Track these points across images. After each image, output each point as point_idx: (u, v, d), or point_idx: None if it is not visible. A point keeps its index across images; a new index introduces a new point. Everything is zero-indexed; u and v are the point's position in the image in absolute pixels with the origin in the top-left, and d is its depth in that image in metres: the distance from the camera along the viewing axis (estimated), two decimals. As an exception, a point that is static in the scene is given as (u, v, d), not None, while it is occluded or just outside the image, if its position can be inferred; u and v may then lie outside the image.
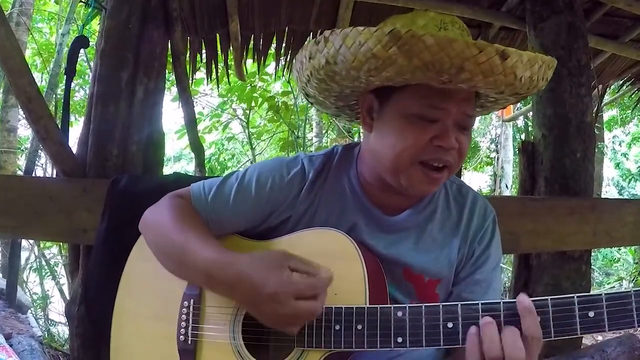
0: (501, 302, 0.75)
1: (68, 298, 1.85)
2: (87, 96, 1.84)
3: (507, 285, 3.21)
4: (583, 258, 2.15)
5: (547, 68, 0.85)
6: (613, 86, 3.67)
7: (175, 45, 1.82)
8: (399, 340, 0.78)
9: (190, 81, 2.43)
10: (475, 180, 8.76)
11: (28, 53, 5.13)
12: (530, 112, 3.04)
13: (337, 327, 0.82)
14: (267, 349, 0.92)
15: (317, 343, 0.83)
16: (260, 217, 0.99)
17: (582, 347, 2.10)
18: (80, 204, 1.52)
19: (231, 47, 2.48)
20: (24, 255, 4.27)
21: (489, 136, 9.09)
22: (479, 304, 0.76)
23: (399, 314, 0.79)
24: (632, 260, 6.59)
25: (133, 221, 1.03)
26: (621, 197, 7.59)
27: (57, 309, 4.24)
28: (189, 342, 0.94)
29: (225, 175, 1.02)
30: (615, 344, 1.85)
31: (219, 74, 2.59)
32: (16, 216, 1.51)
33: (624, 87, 3.66)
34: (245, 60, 2.80)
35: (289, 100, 4.47)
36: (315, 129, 6.27)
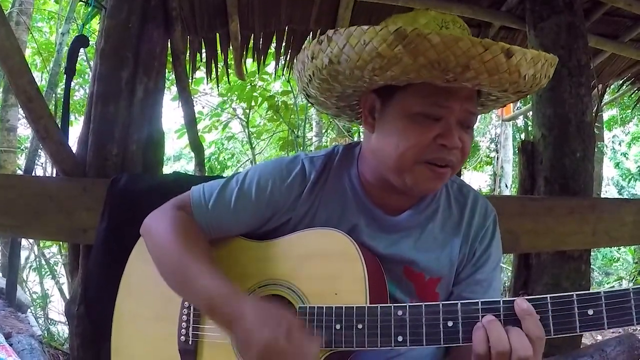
0: (501, 300, 0.75)
1: (68, 297, 1.85)
2: (87, 95, 1.83)
3: (507, 285, 3.21)
4: (583, 258, 2.15)
5: (550, 66, 0.85)
6: (613, 86, 3.67)
7: (175, 44, 1.82)
8: (400, 339, 0.78)
9: (190, 80, 2.43)
10: (475, 179, 8.74)
11: (28, 52, 5.12)
12: (530, 112, 3.04)
13: (338, 327, 0.82)
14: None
15: (317, 342, 0.83)
16: (260, 221, 0.99)
17: (581, 347, 2.10)
18: (80, 203, 1.52)
19: (231, 46, 2.48)
20: (23, 254, 4.26)
21: (489, 136, 9.07)
22: (479, 302, 0.76)
23: (399, 313, 0.79)
24: (632, 259, 6.59)
25: (133, 220, 1.03)
26: (621, 197, 7.61)
27: (57, 308, 4.23)
28: (190, 343, 0.94)
29: (225, 179, 1.02)
30: (614, 344, 1.85)
31: (219, 73, 2.58)
32: (16, 215, 1.51)
33: (624, 86, 3.66)
34: (245, 60, 2.80)
35: (288, 100, 4.47)
36: (315, 128, 6.26)
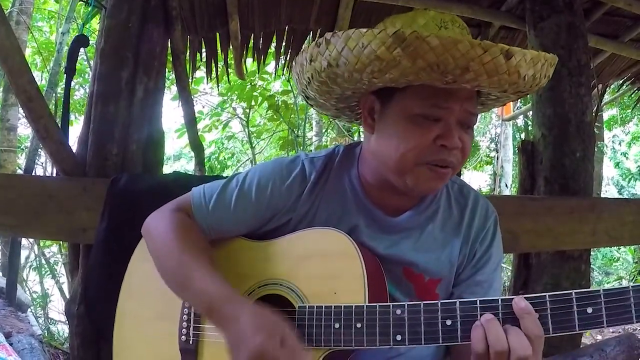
0: (499, 299, 0.75)
1: (68, 297, 1.85)
2: (87, 95, 1.83)
3: (507, 285, 3.21)
4: (582, 257, 2.15)
5: (549, 66, 0.85)
6: (613, 85, 3.67)
7: (175, 44, 1.82)
8: (398, 338, 0.78)
9: (190, 80, 2.43)
10: (475, 179, 8.74)
11: (28, 52, 5.13)
12: (530, 112, 3.04)
13: (337, 326, 0.82)
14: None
15: (316, 342, 0.83)
16: (260, 222, 0.99)
17: (581, 347, 2.10)
18: (80, 203, 1.52)
19: (231, 46, 2.48)
20: (23, 254, 4.25)
21: (489, 135, 9.08)
22: (477, 301, 0.76)
23: (398, 311, 0.79)
24: (632, 259, 6.59)
25: (133, 220, 1.03)
26: (621, 197, 7.61)
27: (57, 308, 4.23)
28: (191, 342, 0.94)
29: (225, 180, 1.02)
30: (614, 343, 1.85)
31: (219, 73, 2.58)
32: (16, 215, 1.51)
33: (624, 86, 3.66)
34: (245, 59, 2.80)
35: (288, 99, 4.47)
36: (315, 127, 6.27)
